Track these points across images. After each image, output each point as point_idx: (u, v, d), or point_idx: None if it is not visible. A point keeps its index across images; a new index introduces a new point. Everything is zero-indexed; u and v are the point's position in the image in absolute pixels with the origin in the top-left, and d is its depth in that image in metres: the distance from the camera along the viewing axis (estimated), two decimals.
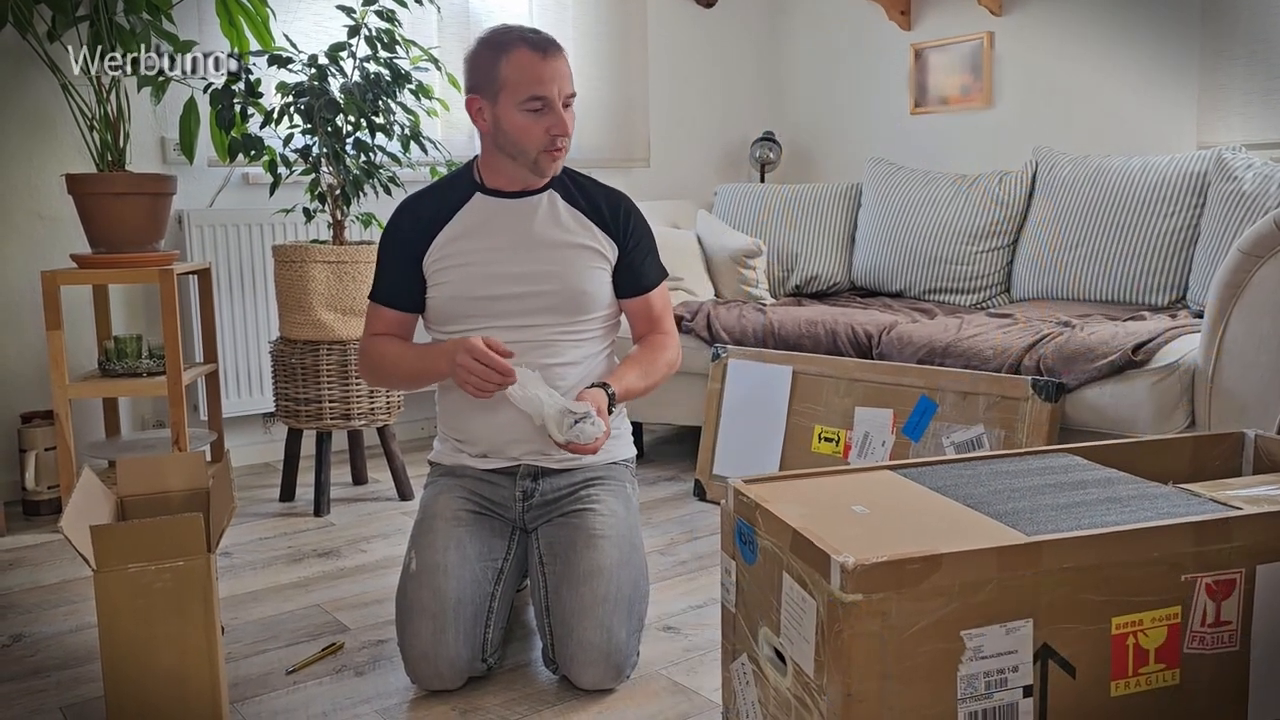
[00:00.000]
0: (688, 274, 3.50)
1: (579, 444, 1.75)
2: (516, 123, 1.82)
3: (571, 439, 1.74)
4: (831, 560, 1.11)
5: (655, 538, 2.56)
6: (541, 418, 1.75)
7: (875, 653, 1.10)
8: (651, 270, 2.00)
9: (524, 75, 1.80)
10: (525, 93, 1.80)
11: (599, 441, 1.76)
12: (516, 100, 1.81)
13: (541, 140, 1.83)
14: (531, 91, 1.80)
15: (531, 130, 1.82)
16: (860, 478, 1.46)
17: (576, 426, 1.73)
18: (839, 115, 4.35)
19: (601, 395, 1.83)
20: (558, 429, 1.74)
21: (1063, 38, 3.56)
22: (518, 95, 1.81)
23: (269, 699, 1.76)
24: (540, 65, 1.81)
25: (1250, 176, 2.75)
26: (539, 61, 1.80)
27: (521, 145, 1.84)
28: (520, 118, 1.82)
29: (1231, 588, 1.23)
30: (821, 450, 2.70)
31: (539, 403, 1.75)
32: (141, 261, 2.69)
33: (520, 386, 1.75)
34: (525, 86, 1.80)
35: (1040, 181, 3.31)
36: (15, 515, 2.84)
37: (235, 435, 3.34)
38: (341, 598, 2.22)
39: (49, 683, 1.84)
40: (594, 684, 1.74)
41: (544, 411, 1.74)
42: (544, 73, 1.81)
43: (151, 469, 1.92)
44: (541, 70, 1.81)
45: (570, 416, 1.74)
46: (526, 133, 1.83)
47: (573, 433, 1.73)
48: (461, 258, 1.89)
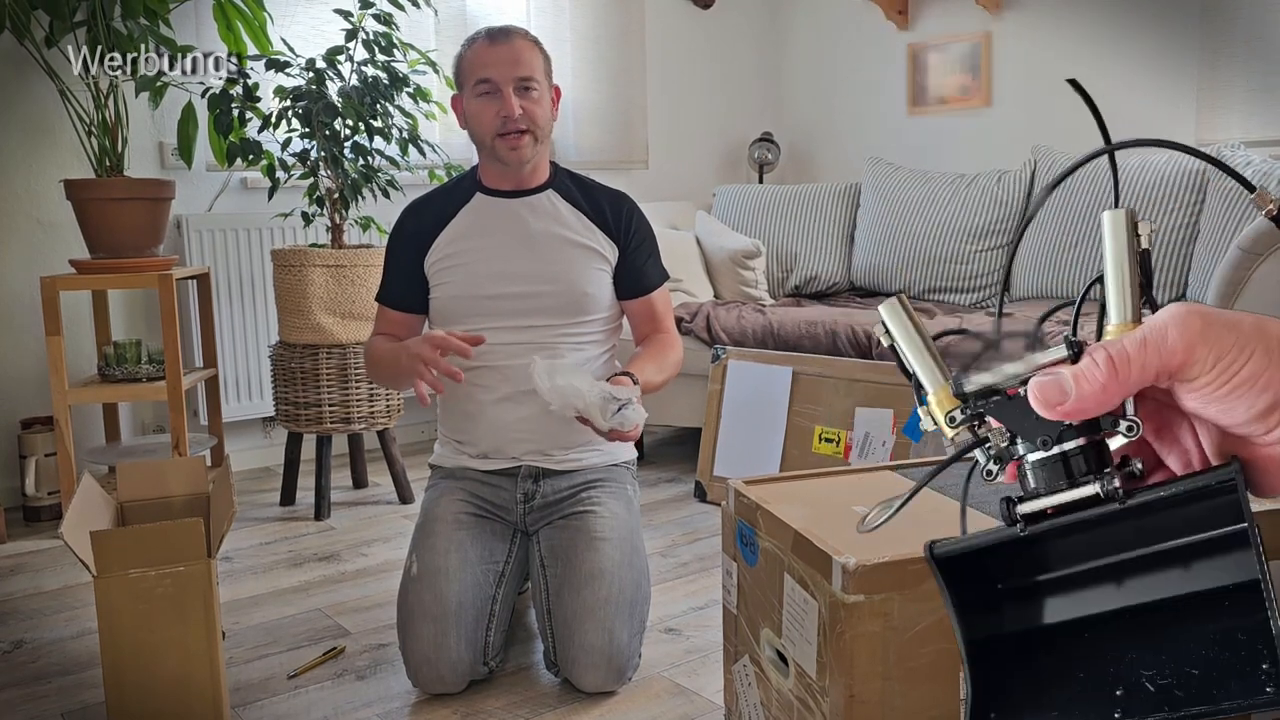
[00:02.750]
0: (687, 275, 3.50)
1: (622, 431, 1.68)
2: (472, 109, 1.88)
3: (615, 425, 1.66)
4: (833, 561, 1.11)
5: (656, 539, 2.56)
6: (576, 409, 1.66)
7: (877, 654, 1.10)
8: (653, 271, 2.00)
9: (474, 62, 1.86)
10: (473, 77, 1.86)
11: (638, 428, 1.71)
12: (469, 87, 1.87)
13: (492, 124, 1.85)
14: (478, 75, 1.85)
15: (483, 115, 1.86)
16: (861, 478, 1.46)
17: (620, 413, 1.66)
18: (837, 116, 4.35)
19: (628, 381, 1.79)
20: (601, 416, 1.65)
21: (1061, 36, 3.56)
22: (470, 81, 1.86)
23: (270, 704, 1.76)
24: (487, 51, 1.85)
25: (1249, 174, 2.74)
26: (487, 47, 1.86)
27: (478, 133, 1.88)
28: (474, 104, 1.87)
29: None
30: (822, 451, 2.70)
31: (576, 392, 1.65)
32: (141, 266, 2.69)
33: (546, 376, 1.66)
34: (474, 71, 1.86)
35: (1039, 180, 3.31)
36: (16, 521, 2.84)
37: (235, 440, 3.33)
38: (342, 602, 2.22)
39: (50, 688, 1.84)
40: (596, 686, 1.74)
41: (586, 400, 1.65)
42: (489, 57, 1.85)
43: (151, 474, 1.92)
44: (487, 55, 1.85)
45: (615, 403, 1.66)
46: (478, 118, 1.87)
47: (617, 419, 1.66)
48: (463, 257, 1.89)
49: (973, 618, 0.54)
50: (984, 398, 0.50)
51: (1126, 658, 0.51)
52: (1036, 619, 0.55)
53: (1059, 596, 0.54)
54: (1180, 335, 0.45)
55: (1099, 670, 0.51)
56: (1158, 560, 0.52)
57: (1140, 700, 0.49)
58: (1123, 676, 0.50)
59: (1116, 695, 0.50)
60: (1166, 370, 0.45)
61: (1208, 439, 0.50)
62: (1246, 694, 0.46)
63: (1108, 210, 0.50)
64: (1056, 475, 0.48)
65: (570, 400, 1.65)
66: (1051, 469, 0.49)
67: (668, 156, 4.28)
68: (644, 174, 4.19)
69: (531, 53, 1.88)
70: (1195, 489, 0.47)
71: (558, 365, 1.70)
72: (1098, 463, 0.48)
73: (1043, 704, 0.52)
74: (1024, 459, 0.49)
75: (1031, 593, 0.55)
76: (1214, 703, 0.47)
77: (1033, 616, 0.55)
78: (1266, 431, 0.46)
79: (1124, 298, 0.49)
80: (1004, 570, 0.55)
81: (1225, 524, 0.48)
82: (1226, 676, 0.47)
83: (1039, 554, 0.54)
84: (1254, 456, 0.48)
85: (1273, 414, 0.46)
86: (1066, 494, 0.48)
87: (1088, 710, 0.50)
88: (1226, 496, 0.47)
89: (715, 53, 4.41)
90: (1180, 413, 0.50)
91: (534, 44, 1.90)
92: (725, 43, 4.43)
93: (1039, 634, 0.54)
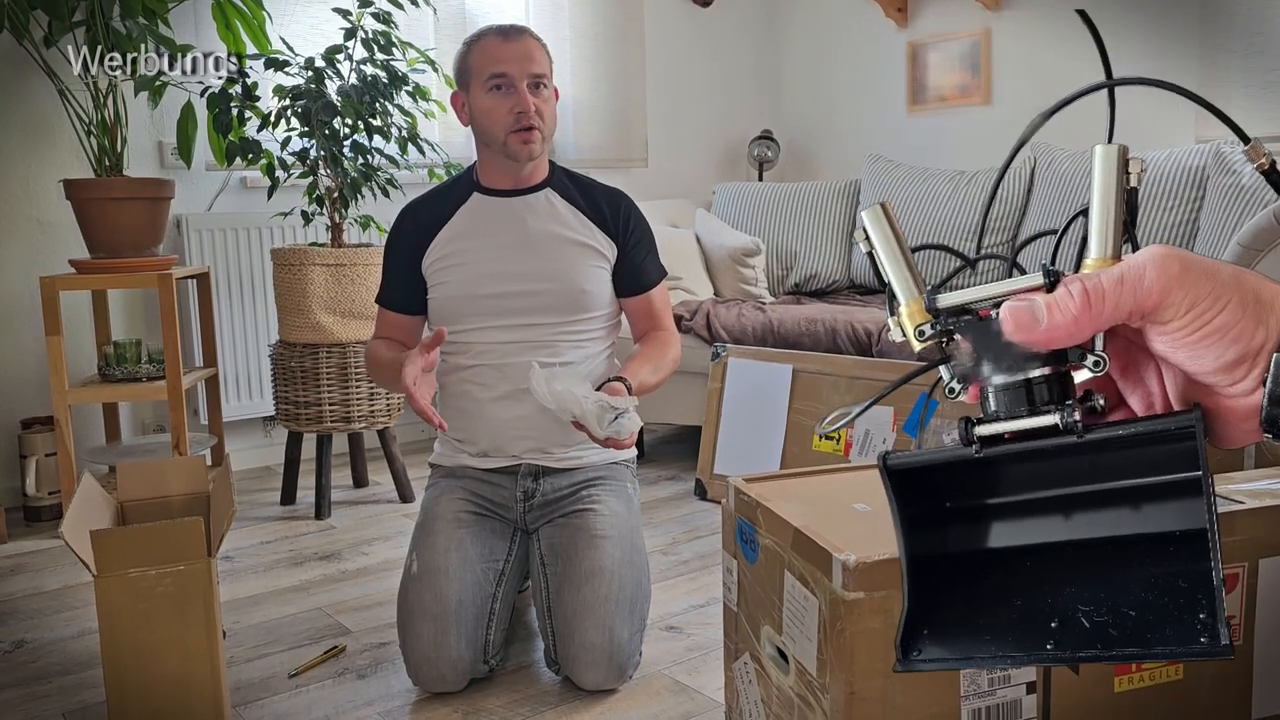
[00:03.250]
0: (687, 273, 3.50)
1: (617, 439, 1.69)
2: (482, 105, 1.86)
3: (612, 434, 1.67)
4: (833, 558, 1.11)
5: (657, 537, 2.56)
6: (573, 414, 1.66)
7: (878, 650, 1.10)
8: (652, 268, 2.00)
9: (486, 57, 1.85)
10: (486, 72, 1.85)
11: (633, 436, 1.71)
12: (480, 82, 1.86)
13: (506, 120, 1.85)
14: (491, 70, 1.84)
15: (495, 111, 1.85)
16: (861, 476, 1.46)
17: (617, 422, 1.67)
18: (837, 113, 4.35)
19: (623, 389, 1.79)
20: (598, 424, 1.66)
21: (1060, 33, 3.56)
22: (481, 77, 1.86)
23: (271, 703, 1.76)
24: (500, 46, 1.85)
25: (1249, 170, 2.74)
26: (500, 43, 1.85)
27: (490, 129, 1.87)
28: (485, 99, 1.86)
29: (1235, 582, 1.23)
30: (822, 448, 2.70)
31: (573, 398, 1.65)
32: (140, 266, 2.69)
33: (544, 382, 1.66)
34: (487, 67, 1.85)
35: (1039, 177, 3.31)
36: (16, 521, 2.84)
37: (236, 439, 3.33)
38: (343, 601, 2.22)
39: (51, 688, 1.84)
40: (596, 684, 1.73)
41: (583, 408, 1.65)
42: (503, 53, 1.85)
43: (151, 474, 1.92)
44: (501, 51, 1.85)
45: (611, 412, 1.66)
46: (491, 114, 1.86)
47: (613, 428, 1.67)
48: (460, 257, 1.89)
49: (918, 534, 0.54)
50: (955, 316, 0.50)
51: (1066, 590, 0.51)
52: (981, 542, 0.55)
53: (1006, 522, 0.54)
54: (1158, 277, 0.45)
55: (1037, 600, 0.51)
56: (1108, 498, 0.52)
57: (1074, 634, 0.49)
58: (1059, 609, 0.50)
59: (1051, 626, 0.50)
60: (1140, 310, 0.45)
61: (1172, 384, 0.50)
62: (1180, 641, 0.46)
63: (1100, 144, 0.50)
64: (1018, 401, 0.48)
65: (568, 406, 1.67)
66: (1013, 395, 0.48)
67: (667, 155, 4.28)
68: (643, 172, 4.19)
69: (541, 51, 1.89)
70: (1154, 432, 0.47)
71: (555, 372, 1.71)
72: (1060, 394, 0.48)
73: (978, 627, 0.52)
74: (987, 381, 0.49)
75: (979, 515, 0.55)
76: (1146, 646, 0.47)
77: (978, 539, 0.55)
78: (1232, 383, 0.46)
79: (1106, 233, 0.49)
80: (955, 490, 0.54)
81: (1180, 470, 0.48)
82: (1162, 622, 0.47)
83: (991, 478, 0.54)
84: (1216, 406, 0.48)
85: (1239, 366, 0.46)
86: (1026, 421, 0.48)
87: (1021, 638, 0.50)
88: (1184, 443, 0.47)
89: (714, 51, 4.41)
90: (1148, 354, 0.50)
91: (542, 44, 1.91)
92: (725, 41, 4.43)
93: (982, 557, 0.54)
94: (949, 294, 0.51)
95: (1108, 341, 0.48)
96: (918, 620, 0.53)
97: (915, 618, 0.53)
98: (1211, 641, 0.45)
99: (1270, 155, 0.52)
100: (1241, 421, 0.48)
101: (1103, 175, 0.50)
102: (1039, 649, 0.49)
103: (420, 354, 1.68)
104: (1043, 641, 0.49)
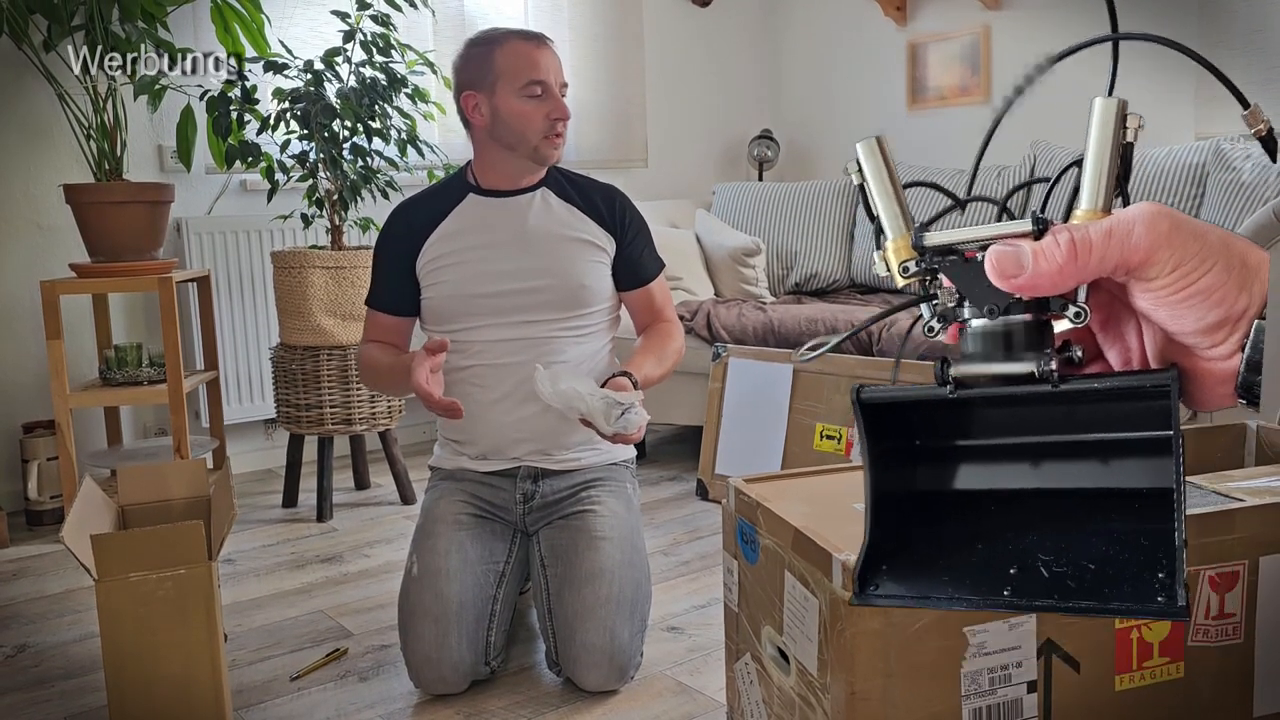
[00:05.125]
0: (687, 273, 3.50)
1: (626, 434, 1.69)
2: (516, 109, 1.85)
3: (619, 430, 1.68)
4: (834, 559, 1.11)
5: (657, 538, 2.56)
6: (579, 411, 1.67)
7: (878, 651, 1.10)
8: (650, 261, 2.01)
9: (521, 62, 1.84)
10: (524, 78, 1.84)
11: (641, 429, 1.72)
12: (515, 87, 1.84)
13: (542, 126, 1.85)
14: (530, 76, 1.84)
15: (532, 116, 1.85)
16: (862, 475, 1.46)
17: (624, 417, 1.67)
18: (836, 112, 4.34)
19: (628, 384, 1.80)
20: (605, 421, 1.66)
21: (1060, 30, 3.56)
22: (516, 82, 1.84)
23: (273, 706, 1.76)
24: (535, 52, 1.86)
25: (1249, 167, 2.74)
26: (534, 49, 1.86)
27: (522, 133, 1.86)
28: (519, 104, 1.85)
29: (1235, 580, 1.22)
30: (824, 448, 2.70)
31: (579, 396, 1.66)
32: (140, 270, 2.69)
33: (549, 382, 1.68)
34: (523, 72, 1.84)
35: (1039, 174, 3.30)
36: (18, 525, 2.84)
37: (237, 442, 3.34)
38: (345, 603, 2.22)
39: (53, 693, 1.84)
40: (598, 686, 1.73)
41: (589, 405, 1.66)
42: (540, 59, 1.85)
43: (152, 477, 1.92)
44: (537, 57, 1.85)
45: (618, 408, 1.67)
46: (527, 119, 1.85)
47: (620, 423, 1.67)
48: (457, 256, 1.89)
49: (886, 469, 0.54)
50: (941, 255, 0.50)
51: (1028, 539, 0.51)
52: (949, 483, 0.54)
53: (975, 465, 0.54)
54: (1146, 233, 0.45)
55: (998, 546, 0.51)
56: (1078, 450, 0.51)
57: (1032, 583, 0.48)
58: (1020, 556, 0.50)
59: (1010, 573, 0.49)
60: (1125, 265, 0.45)
61: (1151, 341, 0.50)
62: (1137, 599, 0.45)
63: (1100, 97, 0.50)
64: (996, 346, 0.48)
65: (574, 404, 1.67)
66: (992, 338, 0.48)
67: (667, 155, 4.28)
68: (643, 172, 4.19)
69: (559, 57, 1.92)
70: (1129, 387, 0.47)
71: (559, 371, 1.72)
72: (1039, 341, 0.48)
73: (937, 567, 0.51)
74: (968, 323, 0.49)
75: (949, 456, 0.54)
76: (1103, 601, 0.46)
77: (946, 480, 0.54)
78: (1211, 346, 0.46)
79: (1099, 185, 0.49)
80: (927, 429, 0.54)
81: (1152, 428, 0.48)
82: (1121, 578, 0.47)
83: (964, 420, 0.53)
84: (1193, 368, 0.48)
85: (1220, 329, 0.46)
86: (1002, 366, 0.48)
87: (979, 582, 0.50)
88: (1158, 401, 0.46)
89: (714, 50, 4.41)
90: (1130, 310, 0.50)
91: None
92: (724, 40, 4.43)
93: (949, 499, 0.54)
94: (937, 233, 0.50)
95: (1090, 293, 0.48)
96: (878, 556, 0.52)
97: (876, 553, 0.52)
98: (1168, 602, 0.44)
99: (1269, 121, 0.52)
100: (1217, 385, 0.48)
101: (1099, 128, 0.50)
102: (996, 594, 0.49)
103: (426, 356, 1.68)
104: (1000, 588, 0.49)
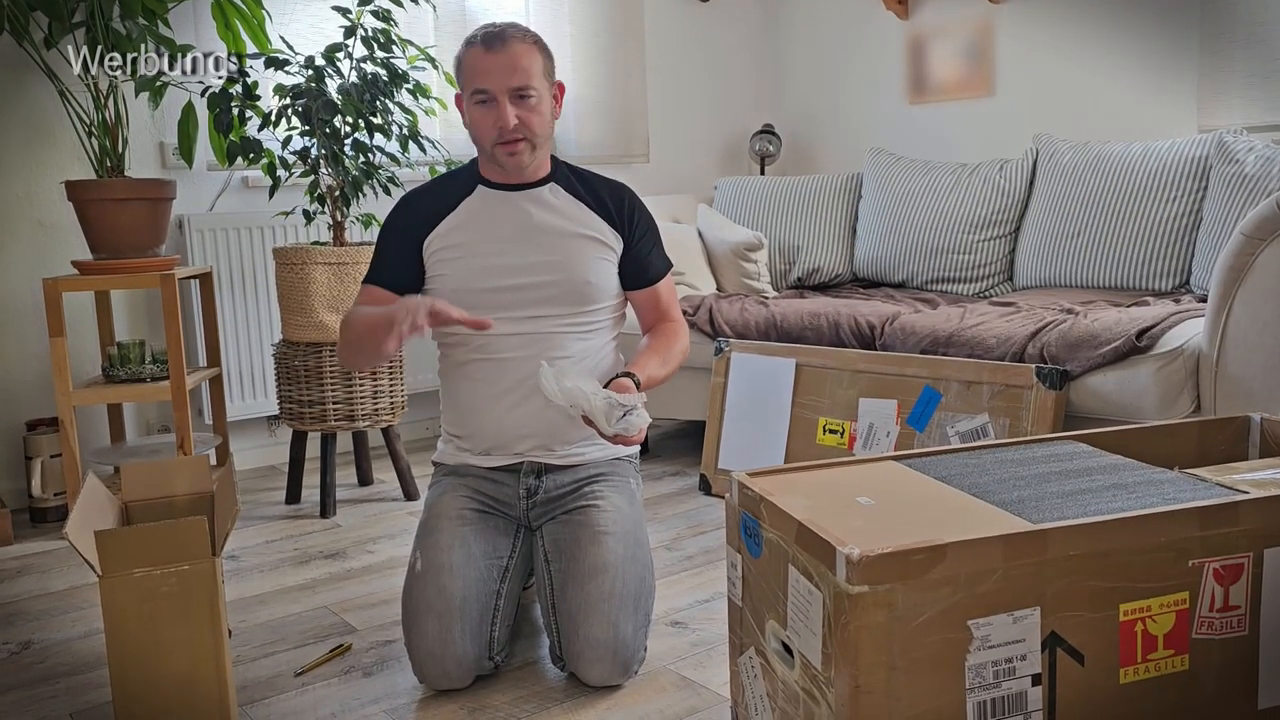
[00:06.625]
0: (689, 268, 3.49)
1: (626, 435, 1.70)
2: (472, 117, 1.87)
3: (620, 431, 1.69)
4: (837, 552, 1.11)
5: (661, 533, 2.56)
6: (582, 410, 1.68)
7: (882, 644, 1.10)
8: (658, 261, 2.00)
9: (471, 70, 1.84)
10: (470, 86, 1.84)
11: (642, 431, 1.73)
12: (467, 95, 1.86)
13: (490, 134, 1.85)
14: (474, 84, 1.83)
15: (481, 124, 1.85)
16: (865, 469, 1.46)
17: (625, 419, 1.68)
18: (838, 106, 4.34)
19: (631, 385, 1.80)
20: (606, 421, 1.67)
21: (1062, 24, 3.55)
22: (468, 90, 1.85)
23: (278, 701, 1.76)
24: (482, 58, 1.82)
25: (1252, 159, 2.74)
26: (482, 55, 1.83)
27: (479, 140, 1.88)
28: (473, 111, 1.86)
29: (1240, 572, 1.22)
30: (826, 442, 2.70)
31: (581, 394, 1.67)
32: (143, 267, 2.69)
33: (553, 379, 1.69)
34: (471, 80, 1.84)
35: (1041, 169, 3.30)
36: (22, 523, 2.85)
37: (240, 438, 3.34)
38: (349, 599, 2.22)
39: (58, 689, 1.84)
40: (602, 680, 1.74)
41: (592, 404, 1.67)
42: (484, 65, 1.82)
43: (155, 474, 1.93)
44: (482, 63, 1.82)
45: (620, 409, 1.68)
46: (478, 127, 1.86)
47: (622, 424, 1.68)
48: (462, 249, 1.89)
49: None
50: None
51: None
52: None
53: None
54: None
55: None
56: None
57: None
58: None
59: None
60: None
61: None
62: None
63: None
64: None
65: (577, 402, 1.68)
66: None
67: (668, 150, 4.28)
68: (645, 167, 4.19)
69: (530, 57, 1.83)
70: None
71: (564, 368, 1.73)
72: None
73: None
74: None
75: None
76: None
77: None
78: None
79: None
80: None
81: None
82: None
83: None
84: None
85: None
86: None
87: None
88: None
89: (715, 45, 4.40)
90: None
91: (533, 44, 1.85)
92: (724, 35, 4.42)
93: None
94: None
95: None
96: None
97: None
98: None
99: None
100: None
101: None
102: None
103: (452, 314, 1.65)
104: None
